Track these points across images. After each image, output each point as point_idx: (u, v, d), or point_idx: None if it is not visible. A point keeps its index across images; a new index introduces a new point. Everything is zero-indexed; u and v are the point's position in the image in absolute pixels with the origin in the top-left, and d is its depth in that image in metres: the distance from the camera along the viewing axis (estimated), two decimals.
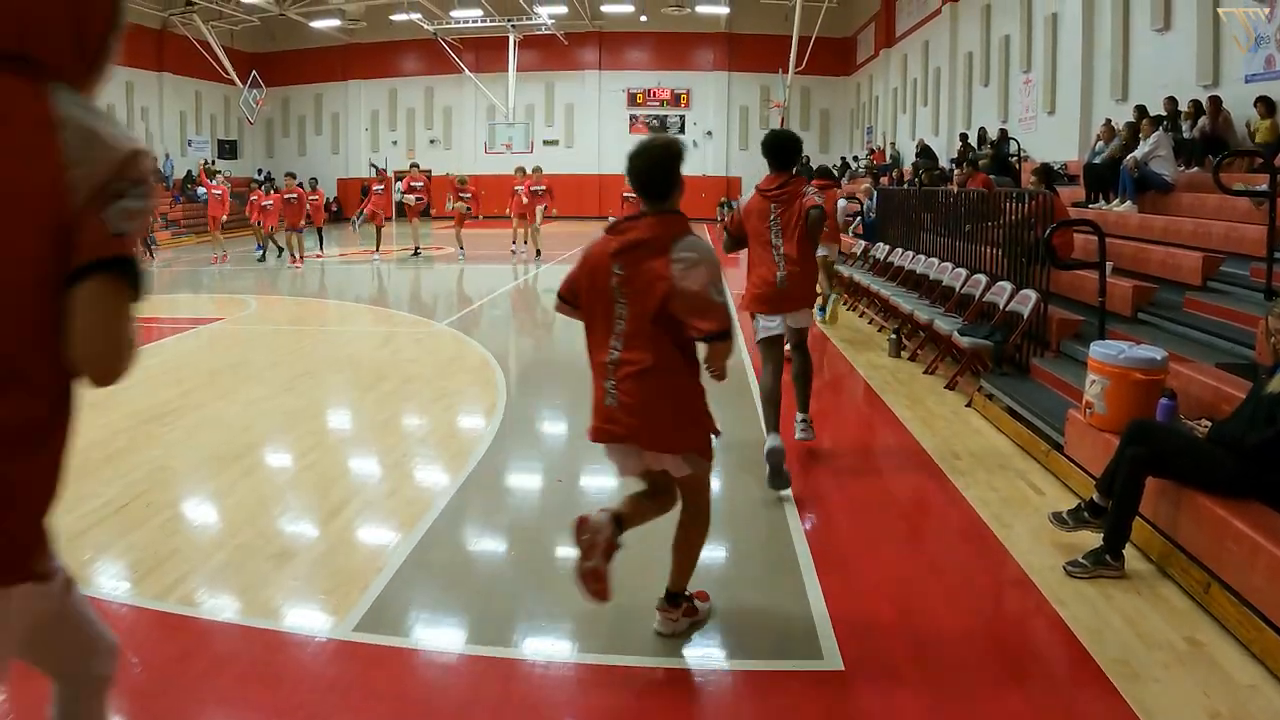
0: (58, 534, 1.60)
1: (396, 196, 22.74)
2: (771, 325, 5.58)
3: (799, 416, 6.01)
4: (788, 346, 5.85)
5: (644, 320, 3.23)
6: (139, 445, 6.11)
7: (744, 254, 5.87)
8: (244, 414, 7.02)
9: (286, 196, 19.14)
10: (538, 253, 19.99)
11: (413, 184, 20.54)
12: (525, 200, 20.01)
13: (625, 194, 19.42)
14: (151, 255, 20.47)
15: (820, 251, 7.36)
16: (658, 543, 3.66)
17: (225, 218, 20.88)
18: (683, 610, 3.59)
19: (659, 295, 3.17)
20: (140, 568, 4.15)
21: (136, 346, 1.52)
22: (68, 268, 1.44)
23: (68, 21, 1.50)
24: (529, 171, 20.23)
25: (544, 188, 19.89)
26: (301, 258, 18.99)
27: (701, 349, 3.28)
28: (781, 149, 5.53)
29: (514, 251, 20.47)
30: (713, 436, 3.47)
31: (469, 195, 20.15)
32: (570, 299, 3.50)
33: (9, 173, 1.41)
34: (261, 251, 20.44)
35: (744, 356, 8.60)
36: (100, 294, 1.45)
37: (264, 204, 19.76)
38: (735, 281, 8.79)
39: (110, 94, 28.68)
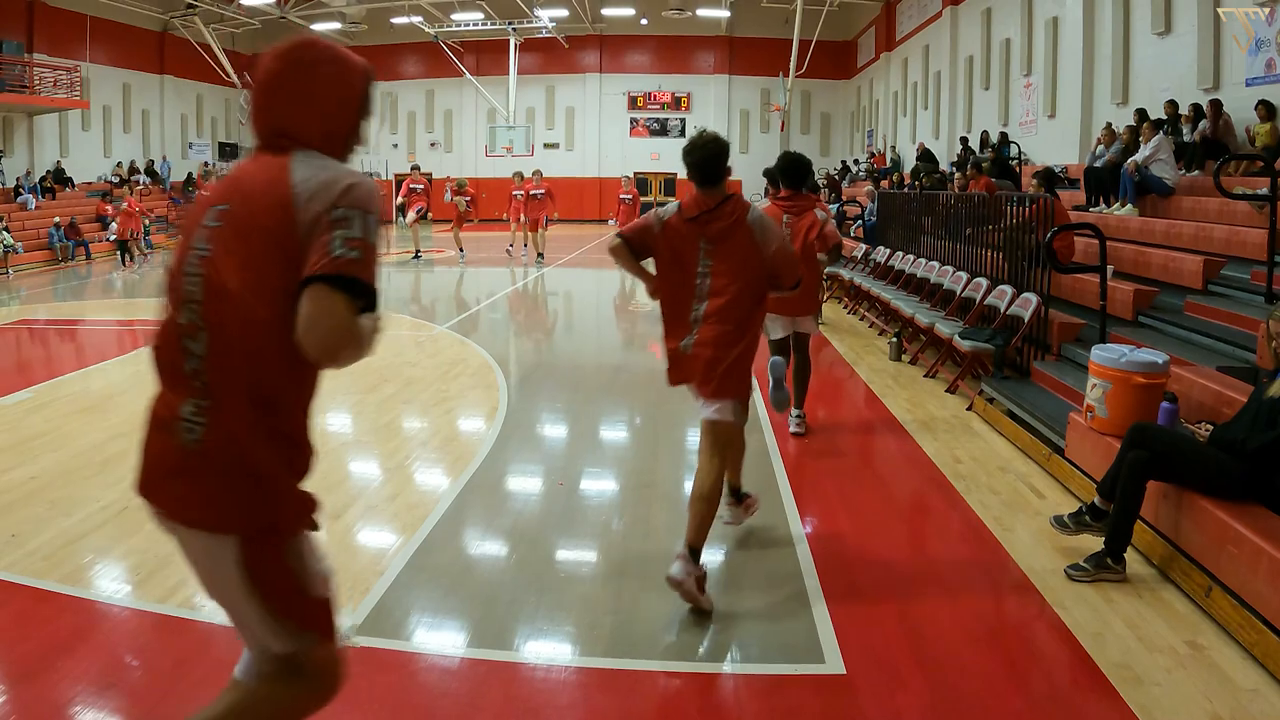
0: (56, 538, 1.61)
1: (398, 200, 22.66)
2: (777, 331, 6.08)
3: (794, 412, 6.33)
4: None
5: (733, 278, 3.94)
6: (138, 449, 6.10)
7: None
8: None
9: (412, 186, 19.51)
10: (540, 256, 19.96)
11: (412, 186, 20.48)
12: (524, 203, 19.97)
13: (622, 195, 19.54)
14: (128, 261, 20.41)
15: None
16: (659, 547, 3.65)
17: None
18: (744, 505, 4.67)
19: (751, 260, 3.97)
20: (141, 571, 4.15)
21: (361, 343, 1.86)
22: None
23: (319, 122, 2.04)
24: (526, 175, 20.20)
25: (544, 191, 19.81)
26: None
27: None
28: (796, 171, 6.09)
29: (509, 253, 20.50)
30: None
31: (468, 198, 20.23)
32: (636, 248, 4.11)
33: (262, 239, 1.89)
34: None
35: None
36: (315, 297, 1.80)
37: None
38: None
39: (109, 96, 28.77)
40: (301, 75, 2.06)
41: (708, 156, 3.99)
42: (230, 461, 1.93)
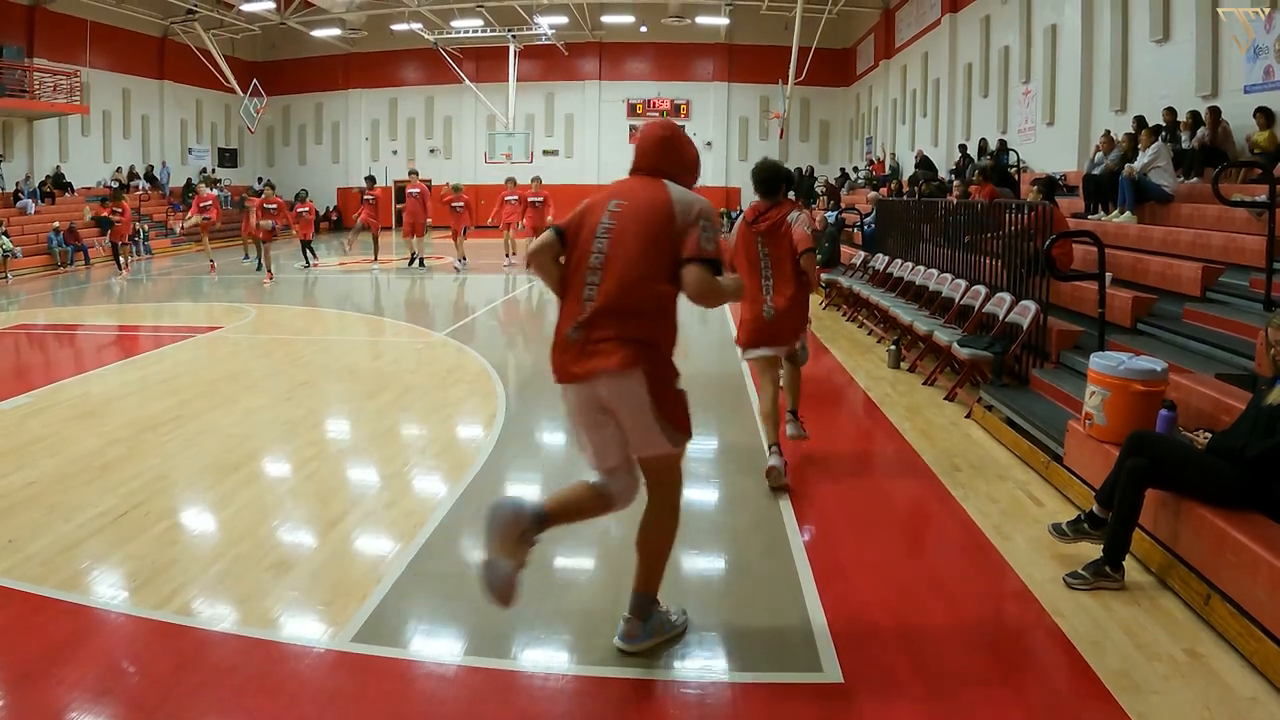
0: (53, 543, 1.61)
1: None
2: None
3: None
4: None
5: (784, 263, 5.70)
6: (137, 454, 6.11)
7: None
8: (243, 423, 7.02)
9: (266, 206, 19.01)
10: None
11: (410, 191, 20.35)
12: (521, 210, 19.86)
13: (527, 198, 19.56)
14: (123, 266, 20.29)
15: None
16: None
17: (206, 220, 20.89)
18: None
19: (792, 247, 5.67)
20: (138, 577, 4.15)
21: (724, 294, 3.38)
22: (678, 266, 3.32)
23: (680, 168, 3.57)
24: (520, 181, 20.09)
25: (543, 199, 19.73)
26: (269, 272, 18.56)
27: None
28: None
29: (510, 262, 20.45)
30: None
31: (462, 205, 20.03)
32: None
33: (655, 229, 3.33)
34: (250, 260, 20.41)
35: (743, 366, 8.59)
36: (694, 271, 3.28)
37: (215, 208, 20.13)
38: None
39: (109, 101, 28.79)
40: (677, 142, 3.61)
41: (768, 175, 5.79)
42: (614, 340, 3.26)
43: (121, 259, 20.23)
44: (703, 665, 3.46)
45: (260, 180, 32.09)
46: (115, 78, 28.89)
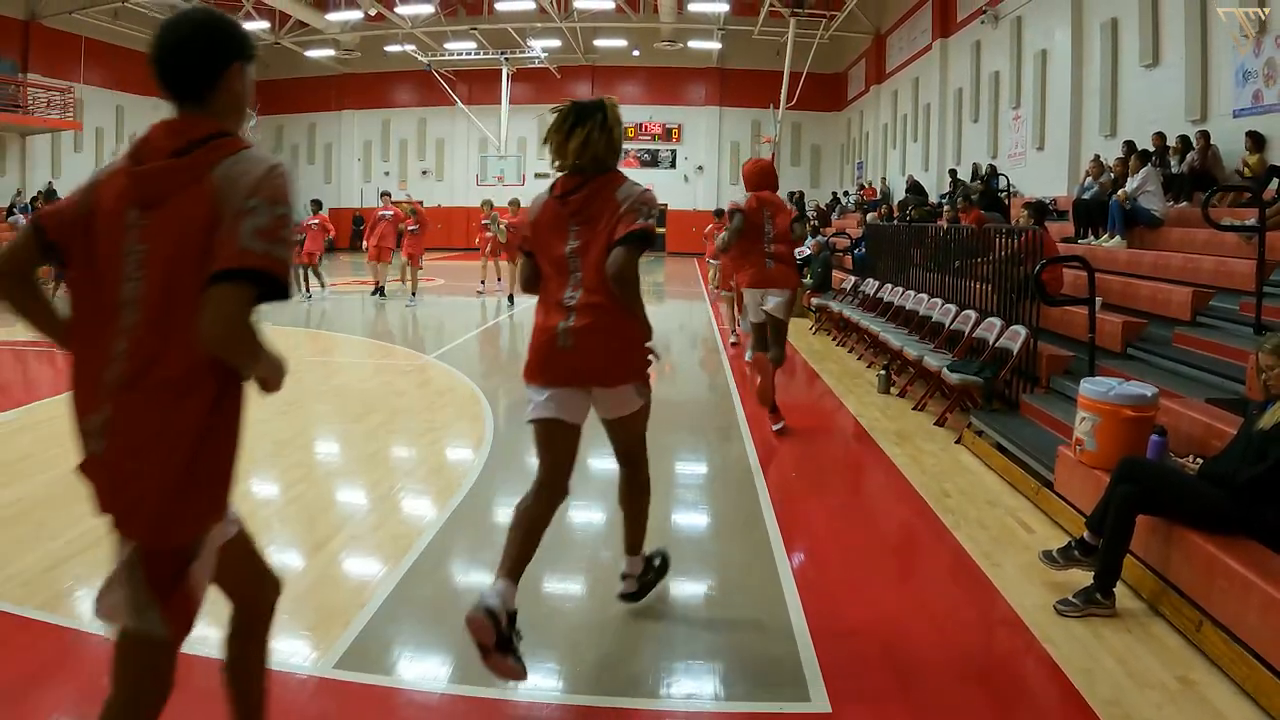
0: (37, 562, 1.58)
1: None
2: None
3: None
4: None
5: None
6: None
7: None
8: None
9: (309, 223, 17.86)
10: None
11: (382, 214, 18.06)
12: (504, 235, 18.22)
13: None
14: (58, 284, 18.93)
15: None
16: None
17: None
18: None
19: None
20: None
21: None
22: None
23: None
24: (497, 204, 19.03)
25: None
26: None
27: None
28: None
29: (479, 292, 19.32)
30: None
31: (415, 229, 17.95)
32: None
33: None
34: None
35: (731, 388, 8.59)
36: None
37: None
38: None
39: (103, 117, 28.84)
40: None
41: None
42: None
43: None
44: (689, 694, 3.41)
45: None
46: (109, 94, 28.96)
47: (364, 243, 19.20)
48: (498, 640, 3.14)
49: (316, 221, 18.62)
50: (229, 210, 1.93)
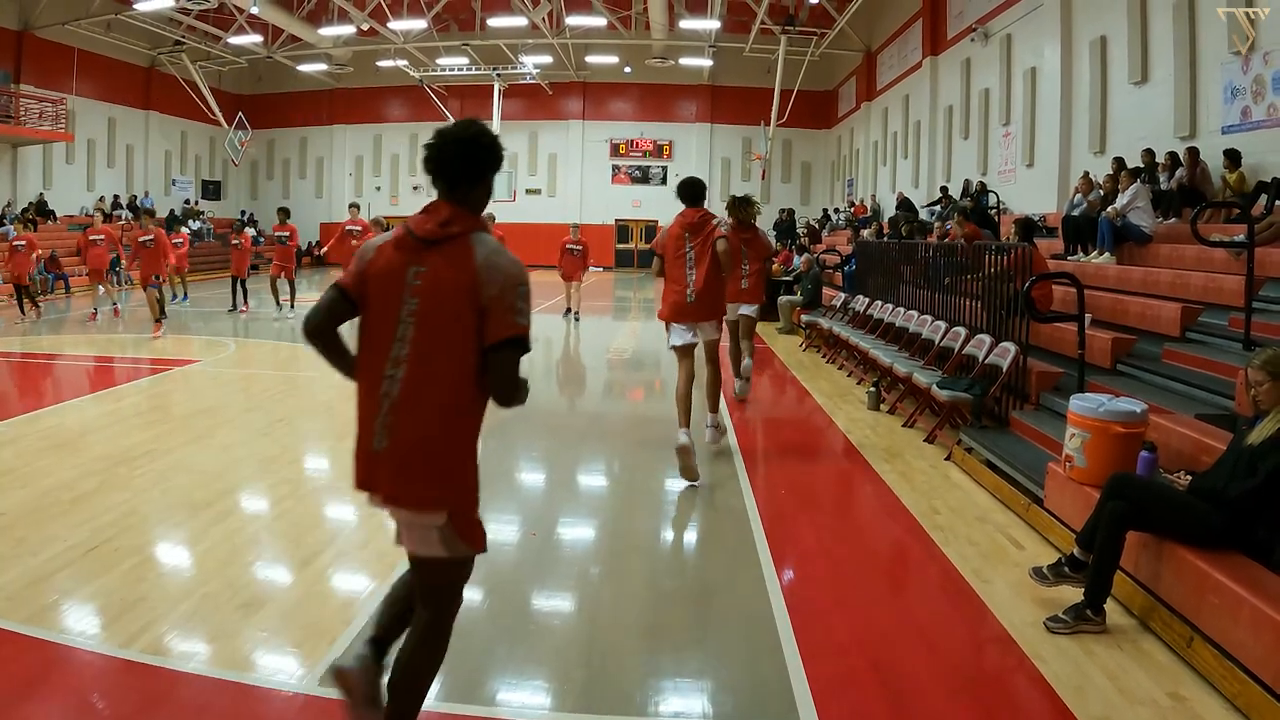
0: (20, 576, 1.56)
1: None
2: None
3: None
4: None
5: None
6: (109, 488, 6.00)
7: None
8: (217, 459, 6.91)
9: (142, 240, 14.96)
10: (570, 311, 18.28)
11: (350, 229, 16.63)
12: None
13: (569, 245, 18.20)
14: (33, 309, 17.42)
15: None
16: (633, 598, 3.59)
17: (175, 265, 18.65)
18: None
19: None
20: (106, 613, 4.05)
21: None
22: None
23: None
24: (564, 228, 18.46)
25: (582, 247, 17.98)
26: (157, 319, 14.42)
27: None
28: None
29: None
30: None
31: (580, 249, 17.86)
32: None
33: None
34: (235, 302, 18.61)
35: (729, 426, 8.57)
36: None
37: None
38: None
39: (94, 129, 28.78)
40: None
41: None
42: None
43: (102, 288, 18.87)
44: (676, 712, 3.39)
45: (244, 214, 32.14)
46: (101, 106, 28.93)
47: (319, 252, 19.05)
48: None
49: (287, 234, 17.99)
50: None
